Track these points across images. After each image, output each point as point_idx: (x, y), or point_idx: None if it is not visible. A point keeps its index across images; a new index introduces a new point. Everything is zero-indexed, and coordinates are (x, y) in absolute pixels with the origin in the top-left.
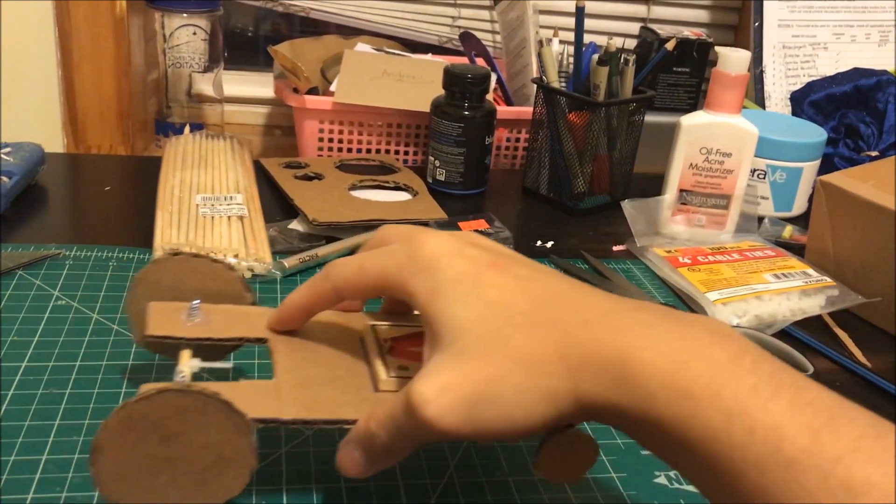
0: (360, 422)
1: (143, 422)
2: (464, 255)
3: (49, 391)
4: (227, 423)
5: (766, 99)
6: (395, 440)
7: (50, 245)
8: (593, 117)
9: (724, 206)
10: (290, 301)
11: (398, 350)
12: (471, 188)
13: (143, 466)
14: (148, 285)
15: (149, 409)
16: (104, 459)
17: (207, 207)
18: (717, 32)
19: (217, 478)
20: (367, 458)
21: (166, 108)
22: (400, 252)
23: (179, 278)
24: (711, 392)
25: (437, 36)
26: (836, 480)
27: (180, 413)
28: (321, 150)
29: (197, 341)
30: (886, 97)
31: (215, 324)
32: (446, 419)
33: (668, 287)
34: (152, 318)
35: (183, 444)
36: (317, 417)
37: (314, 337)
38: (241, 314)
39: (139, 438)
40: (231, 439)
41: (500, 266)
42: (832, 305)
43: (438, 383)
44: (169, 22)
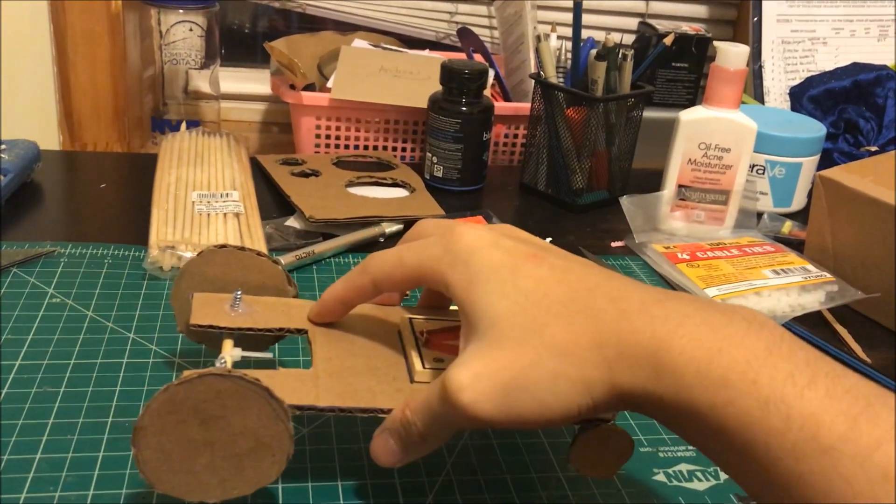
0: (395, 410)
1: (185, 404)
2: (500, 246)
3: (43, 389)
4: (265, 408)
5: (766, 94)
6: (431, 427)
7: (45, 243)
8: (591, 113)
9: (722, 202)
10: (329, 294)
11: (434, 343)
12: (468, 184)
13: (183, 448)
14: (193, 277)
15: (190, 391)
16: (146, 440)
17: (203, 204)
18: (716, 28)
19: (254, 463)
20: (402, 447)
21: (163, 105)
22: (437, 244)
23: (224, 270)
24: (748, 380)
25: (434, 32)
26: (875, 467)
27: (221, 397)
28: (318, 146)
29: (239, 331)
30: (886, 92)
31: (257, 314)
32: (482, 405)
33: (667, 283)
34: (196, 308)
35: (222, 428)
36: (353, 405)
37: (353, 329)
38: (282, 306)
39: (180, 421)
40: (269, 425)
41: (537, 257)
42: (831, 301)
43: (474, 370)
44: (165, 18)
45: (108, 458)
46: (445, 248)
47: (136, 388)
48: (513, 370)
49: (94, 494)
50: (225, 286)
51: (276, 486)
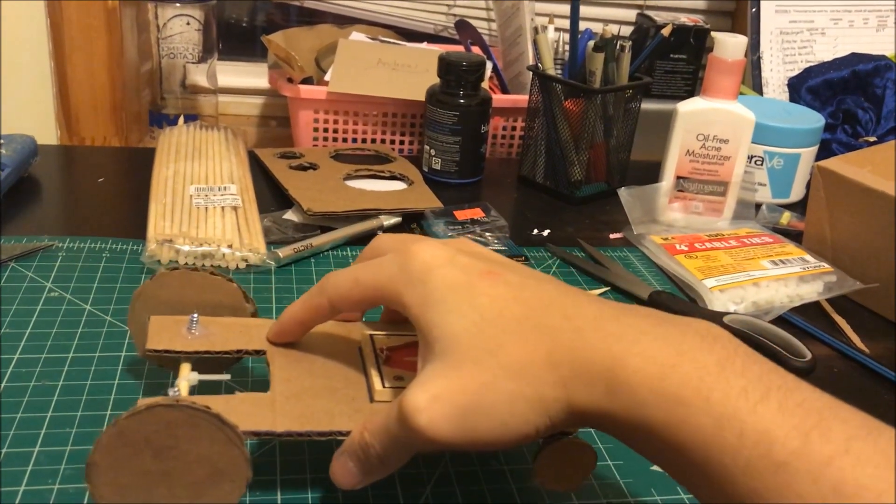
0: (354, 432)
1: (136, 437)
2: (456, 263)
3: (42, 383)
4: (218, 434)
5: (764, 85)
6: (389, 450)
7: (43, 237)
8: (589, 104)
9: (721, 193)
10: (287, 315)
11: (395, 360)
12: (466, 177)
13: (138, 481)
14: (148, 299)
15: (139, 424)
16: (100, 475)
17: (201, 198)
18: (714, 19)
19: (213, 489)
20: (361, 469)
21: (160, 99)
22: (393, 263)
23: (179, 292)
24: (701, 397)
25: (432, 24)
26: (827, 483)
27: (171, 427)
28: (316, 140)
29: (196, 354)
30: (884, 82)
31: (215, 336)
32: (439, 428)
33: (666, 275)
34: (153, 332)
35: (176, 457)
36: (310, 429)
37: (313, 348)
38: (240, 326)
39: (133, 454)
40: (224, 451)
41: (493, 274)
42: (830, 291)
43: (431, 392)
44: (162, 12)
45: None
46: (401, 266)
47: (135, 381)
48: (469, 392)
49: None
50: (182, 307)
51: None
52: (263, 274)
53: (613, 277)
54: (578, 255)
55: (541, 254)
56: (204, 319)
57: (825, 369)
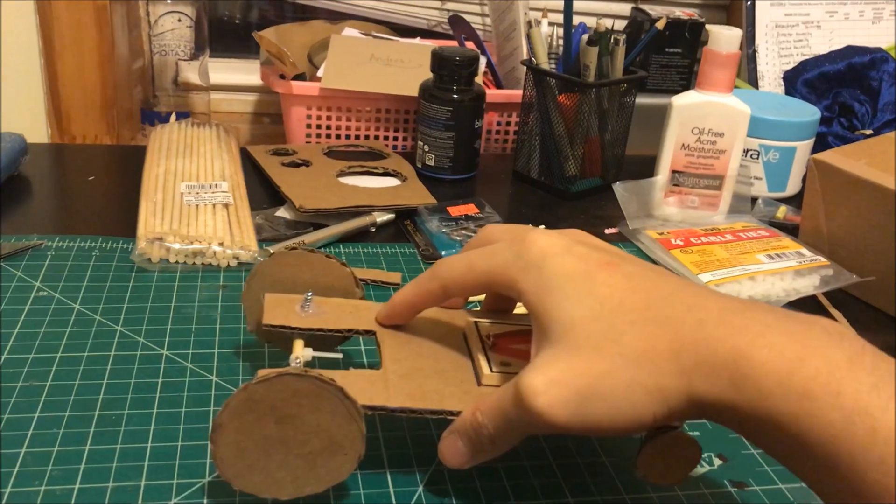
0: (465, 412)
1: (262, 403)
2: (573, 252)
3: (29, 383)
4: (339, 408)
5: (760, 79)
6: (502, 431)
7: (32, 236)
8: (583, 99)
9: (716, 187)
10: (398, 297)
11: (500, 346)
12: (461, 173)
13: (259, 446)
14: (264, 278)
15: (268, 390)
16: (224, 437)
17: (192, 196)
18: (709, 12)
19: (327, 461)
20: (471, 449)
21: (152, 96)
22: (508, 250)
23: (294, 272)
24: (830, 392)
25: (425, 20)
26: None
27: (297, 396)
28: (309, 136)
29: (310, 331)
30: (880, 75)
31: (327, 315)
32: (556, 411)
33: None
34: (269, 309)
35: (297, 426)
36: (422, 407)
37: (419, 331)
38: (351, 307)
39: (257, 419)
40: (342, 424)
41: (612, 264)
42: (826, 285)
43: (549, 376)
44: (153, 9)
45: (94, 451)
46: (517, 253)
47: (123, 381)
48: (588, 377)
49: (79, 488)
50: (295, 287)
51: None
52: None
53: None
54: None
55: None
56: (316, 299)
57: None
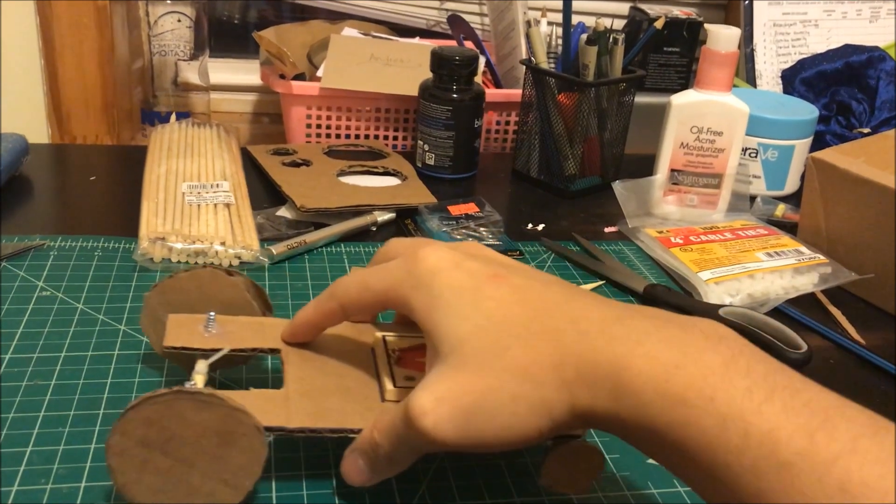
0: (364, 431)
1: (131, 446)
2: (462, 267)
3: (34, 382)
4: (193, 405)
5: (758, 78)
6: (397, 449)
7: (34, 236)
8: (583, 98)
9: (715, 186)
10: (299, 317)
11: (406, 361)
12: (461, 172)
13: (169, 479)
14: (163, 297)
15: (124, 435)
16: (134, 491)
17: (193, 195)
18: (708, 11)
19: (235, 449)
20: (370, 467)
21: (152, 96)
22: (400, 268)
23: (197, 291)
24: (705, 398)
25: (424, 19)
26: (833, 482)
27: (153, 422)
28: (309, 136)
29: (213, 352)
30: (878, 73)
31: (231, 335)
32: (443, 429)
33: (661, 268)
34: (171, 329)
35: (181, 443)
36: (322, 426)
37: (326, 348)
38: (256, 325)
39: (144, 460)
40: (212, 415)
41: (499, 277)
42: (825, 283)
43: (436, 394)
44: (153, 9)
45: (99, 449)
46: (408, 270)
47: (128, 379)
48: (473, 394)
49: (85, 486)
50: (196, 306)
51: (269, 475)
52: (257, 271)
53: (608, 271)
54: (573, 249)
55: (535, 248)
56: (220, 318)
57: (821, 360)
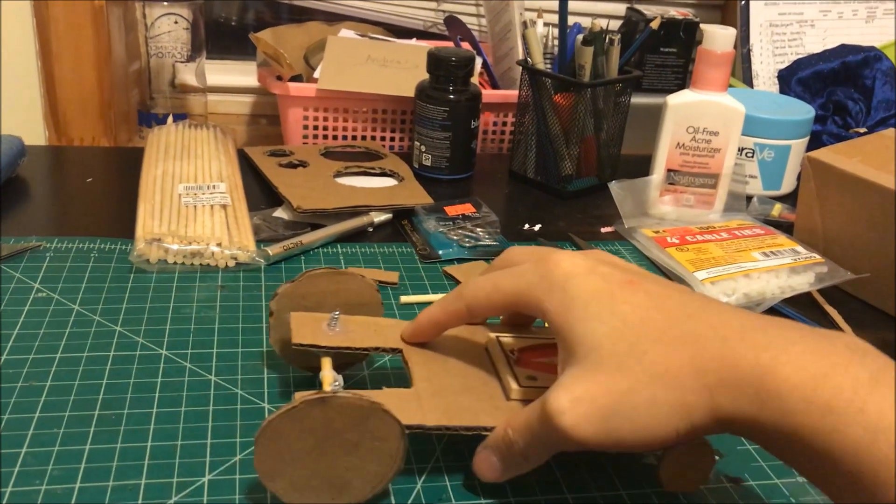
0: (498, 428)
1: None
2: (597, 272)
3: (29, 384)
4: (380, 422)
5: (754, 78)
6: (532, 447)
7: (31, 237)
8: (579, 98)
9: (712, 186)
10: (424, 316)
11: (525, 360)
12: (457, 173)
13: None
14: (291, 297)
15: (292, 423)
16: (282, 485)
17: (190, 197)
18: (704, 12)
19: (373, 441)
20: (504, 463)
21: (149, 98)
22: (533, 271)
23: (321, 290)
24: (855, 408)
25: (421, 21)
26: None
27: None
28: (306, 137)
29: (338, 349)
30: (874, 73)
31: (353, 334)
32: (582, 429)
33: (657, 267)
34: (296, 328)
35: (333, 436)
36: (457, 424)
37: (443, 348)
38: (375, 325)
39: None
40: (390, 433)
41: (633, 283)
42: (821, 282)
43: (574, 394)
44: (150, 11)
45: (94, 451)
46: (541, 274)
47: (123, 380)
48: (613, 395)
49: (80, 487)
50: (320, 306)
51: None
52: (253, 272)
53: None
54: (570, 250)
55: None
56: (342, 318)
57: None
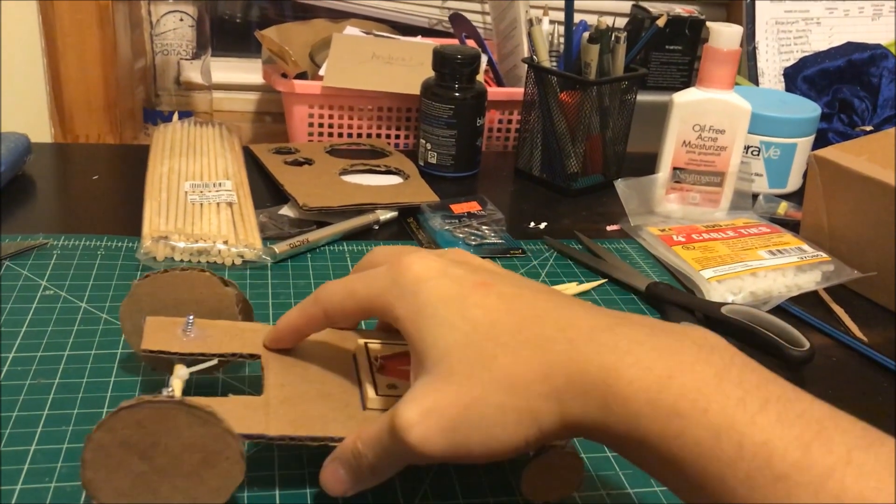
0: (347, 440)
1: (113, 445)
2: (448, 275)
3: (37, 381)
4: (189, 419)
5: (760, 76)
6: (381, 460)
7: (37, 235)
8: (585, 96)
9: (717, 184)
10: (282, 322)
11: (389, 368)
12: (463, 170)
13: (138, 485)
14: (141, 299)
15: (110, 431)
16: (99, 489)
17: (196, 194)
18: (710, 9)
19: (213, 471)
20: (352, 477)
21: (154, 96)
22: (385, 276)
23: (175, 293)
24: (698, 409)
25: (426, 18)
26: (828, 495)
27: (143, 425)
28: (311, 135)
29: (191, 356)
30: (880, 71)
31: (210, 339)
32: (430, 443)
33: (663, 266)
34: (148, 333)
35: (163, 452)
36: (303, 434)
37: (308, 354)
38: (236, 330)
39: (119, 462)
40: (205, 433)
41: (486, 285)
42: (828, 281)
43: (423, 406)
44: (155, 9)
45: None
46: (393, 279)
47: (131, 378)
48: (460, 405)
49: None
50: (176, 308)
51: (272, 474)
52: (259, 270)
53: (611, 269)
54: (575, 248)
55: (538, 246)
56: (200, 322)
57: (823, 359)
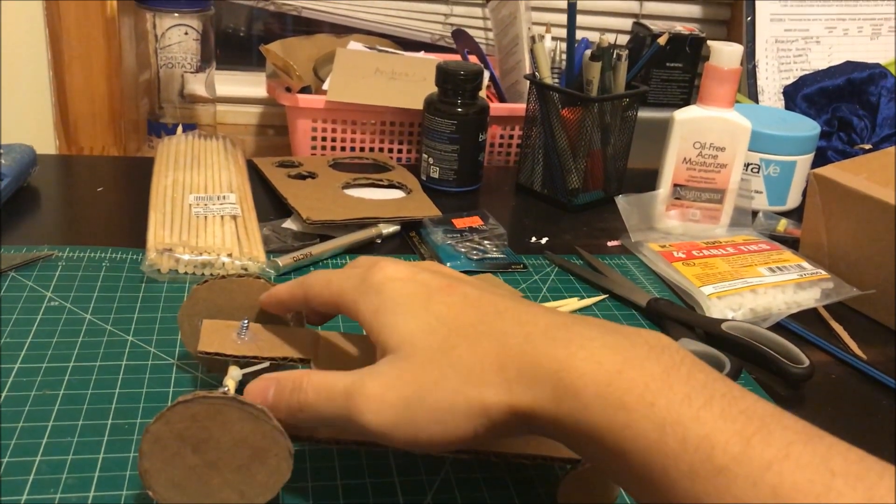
0: (295, 372)
1: (169, 438)
2: (416, 279)
3: (43, 392)
4: (242, 414)
5: (760, 93)
6: (318, 409)
7: (42, 246)
8: (586, 113)
9: (718, 201)
10: (273, 290)
11: None
12: (465, 185)
13: (191, 477)
14: (199, 303)
15: (167, 424)
16: (155, 480)
17: (200, 207)
18: (710, 27)
19: (261, 467)
20: (277, 401)
21: (159, 108)
22: (357, 276)
23: (232, 298)
24: (645, 403)
25: (429, 34)
26: (766, 487)
27: (198, 420)
28: (314, 149)
29: (244, 359)
30: (879, 90)
31: (262, 343)
32: (380, 416)
33: (663, 282)
34: (205, 335)
35: (214, 447)
36: (349, 437)
37: (356, 361)
38: (288, 335)
39: (174, 454)
40: (255, 429)
41: (451, 286)
42: (827, 298)
43: (382, 380)
44: (160, 22)
45: (107, 459)
46: (363, 278)
47: (135, 390)
48: (416, 384)
49: (94, 496)
50: (232, 313)
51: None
52: None
53: (611, 285)
54: (576, 263)
55: (539, 261)
56: (253, 326)
57: (823, 375)
